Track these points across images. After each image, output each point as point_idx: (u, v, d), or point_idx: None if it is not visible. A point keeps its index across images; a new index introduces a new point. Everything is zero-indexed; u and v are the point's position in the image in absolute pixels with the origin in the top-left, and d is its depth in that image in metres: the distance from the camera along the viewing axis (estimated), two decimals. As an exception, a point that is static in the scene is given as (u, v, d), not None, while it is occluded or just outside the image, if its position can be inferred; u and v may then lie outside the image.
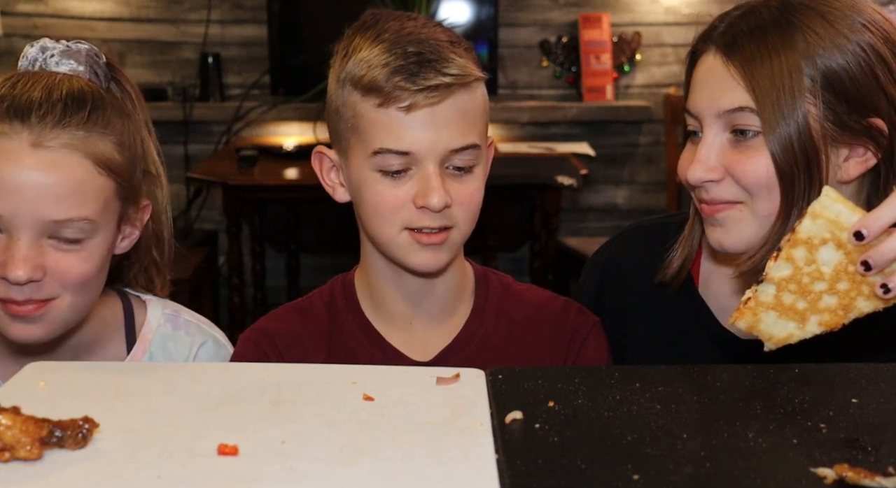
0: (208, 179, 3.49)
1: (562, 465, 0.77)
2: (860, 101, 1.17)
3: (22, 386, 0.96)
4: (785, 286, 0.97)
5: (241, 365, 1.21)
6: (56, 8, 4.24)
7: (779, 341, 1.00)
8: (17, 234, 1.13)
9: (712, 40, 1.23)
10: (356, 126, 1.19)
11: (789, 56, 1.16)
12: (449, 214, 1.19)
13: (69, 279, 1.16)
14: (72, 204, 1.14)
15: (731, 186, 1.19)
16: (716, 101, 1.20)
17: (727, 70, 1.19)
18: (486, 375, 0.98)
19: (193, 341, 1.36)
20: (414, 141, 1.16)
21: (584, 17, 4.32)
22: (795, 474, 0.76)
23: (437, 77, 1.14)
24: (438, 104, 1.15)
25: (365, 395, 0.93)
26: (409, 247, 1.20)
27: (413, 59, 1.15)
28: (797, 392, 0.93)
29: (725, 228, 1.21)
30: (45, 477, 0.76)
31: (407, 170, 1.18)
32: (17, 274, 1.12)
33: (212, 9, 4.25)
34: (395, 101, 1.15)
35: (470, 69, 1.18)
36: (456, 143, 1.17)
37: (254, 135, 4.28)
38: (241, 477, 0.76)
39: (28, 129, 1.14)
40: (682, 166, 1.26)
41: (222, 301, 3.94)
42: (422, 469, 0.78)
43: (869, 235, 0.93)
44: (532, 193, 3.48)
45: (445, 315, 1.30)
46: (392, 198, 1.18)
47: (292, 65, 4.23)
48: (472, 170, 1.21)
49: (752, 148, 1.18)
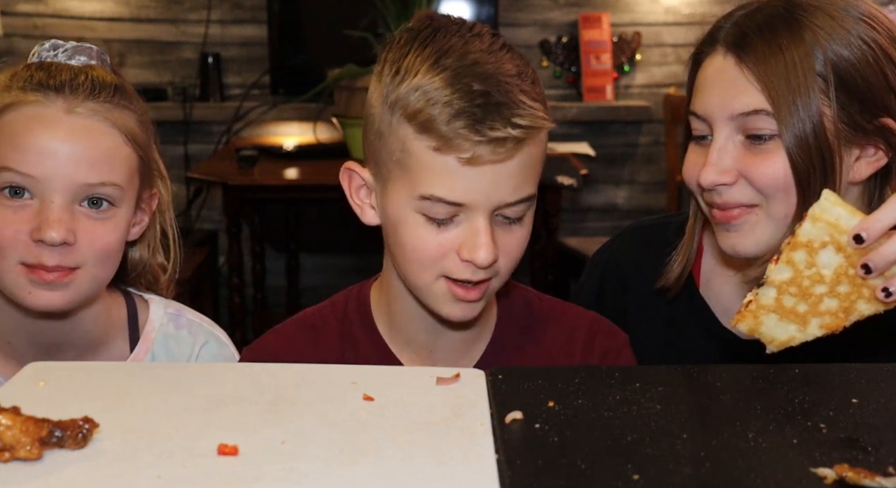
0: (208, 179, 3.48)
1: (562, 465, 0.77)
2: (871, 101, 1.17)
3: (22, 386, 0.96)
4: (785, 289, 0.97)
5: (241, 365, 1.21)
6: (56, 8, 4.24)
7: (781, 343, 1.00)
8: (51, 198, 1.17)
9: (719, 41, 1.22)
10: (404, 162, 1.07)
11: (801, 54, 1.16)
12: (494, 267, 1.09)
13: (96, 247, 1.20)
14: (103, 169, 1.19)
15: (745, 189, 1.19)
16: (728, 104, 1.18)
17: (740, 71, 1.18)
18: (486, 375, 0.98)
19: (196, 340, 1.36)
20: (468, 193, 1.05)
21: (584, 17, 4.32)
22: (795, 474, 0.76)
23: (505, 128, 1.02)
24: (503, 161, 1.04)
25: (365, 395, 0.93)
26: (445, 297, 1.11)
27: (479, 101, 1.02)
28: (797, 392, 0.93)
29: (741, 233, 1.20)
30: (45, 477, 0.76)
31: (454, 217, 1.07)
32: (52, 235, 1.15)
33: (212, 9, 4.25)
34: (454, 150, 1.03)
35: (540, 118, 1.06)
36: (512, 197, 1.07)
37: (254, 135, 4.28)
38: (241, 477, 0.76)
39: (62, 98, 1.19)
40: (689, 170, 1.24)
41: (222, 301, 3.94)
42: (422, 469, 0.78)
43: (868, 238, 0.93)
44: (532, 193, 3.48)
45: (469, 340, 1.22)
46: (435, 247, 1.07)
47: (292, 65, 4.22)
48: (522, 220, 1.11)
49: (767, 150, 1.17)
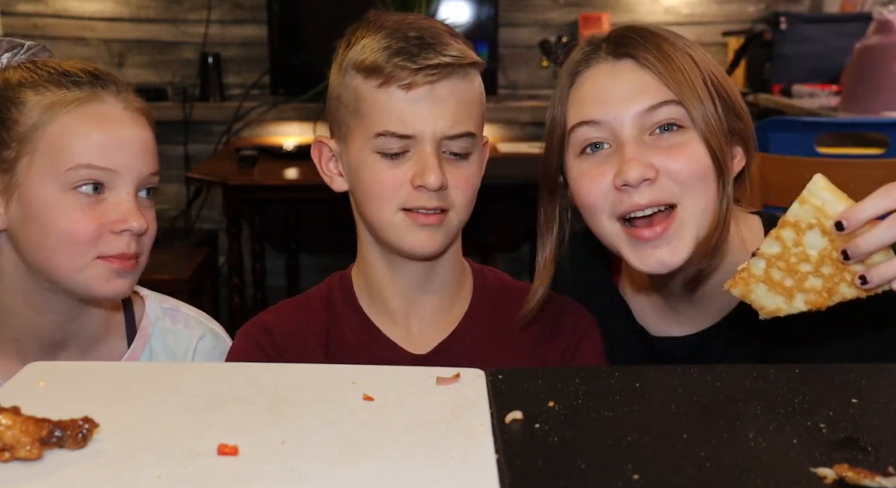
0: (208, 179, 3.49)
1: (562, 465, 0.77)
2: (733, 110, 1.22)
3: (22, 386, 0.96)
4: (774, 262, 1.01)
5: (241, 365, 1.21)
6: (56, 8, 4.24)
7: (769, 312, 1.04)
8: (125, 189, 1.22)
9: (602, 51, 1.23)
10: (358, 109, 1.21)
11: (686, 59, 1.20)
12: (446, 197, 1.20)
13: (149, 235, 1.25)
14: (154, 159, 1.26)
15: (666, 183, 1.17)
16: (634, 101, 1.18)
17: (636, 71, 1.20)
18: (486, 375, 0.98)
19: (192, 334, 1.38)
20: (414, 122, 1.18)
21: (584, 17, 4.32)
22: (795, 474, 0.76)
23: (436, 57, 1.18)
24: (437, 83, 1.18)
25: (365, 395, 0.93)
26: (406, 228, 1.21)
27: (414, 42, 1.19)
28: (797, 392, 0.93)
29: (670, 245, 1.17)
30: (45, 477, 0.76)
31: (405, 153, 1.20)
32: (140, 223, 1.21)
33: (212, 9, 4.26)
34: (395, 80, 1.18)
35: (468, 53, 1.22)
36: (453, 130, 1.20)
37: (254, 135, 4.28)
38: (241, 477, 0.76)
39: (113, 95, 1.24)
40: (593, 183, 1.19)
41: (222, 301, 3.94)
42: (422, 469, 0.78)
43: (849, 227, 0.95)
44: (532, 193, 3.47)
45: (442, 310, 1.30)
46: (390, 179, 1.20)
47: (292, 65, 4.23)
48: (469, 158, 1.23)
49: (680, 143, 1.17)
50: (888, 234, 0.95)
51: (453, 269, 1.30)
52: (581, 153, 1.22)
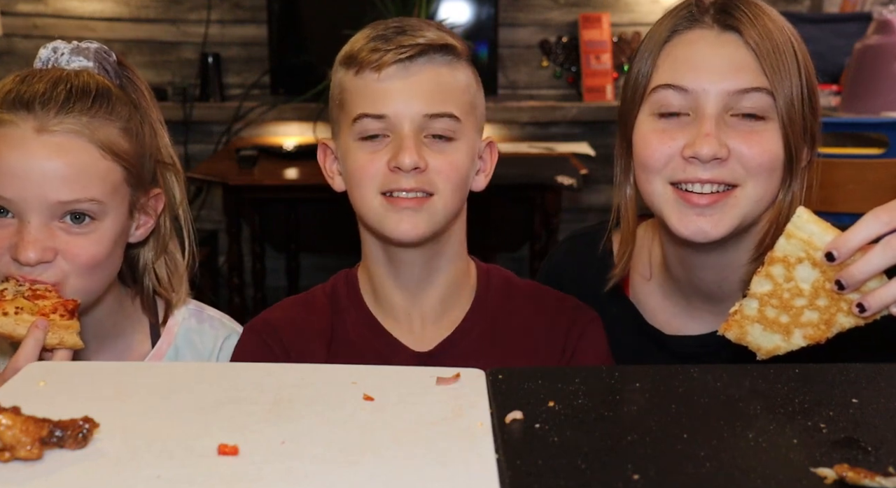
0: (208, 179, 3.49)
1: (562, 465, 0.77)
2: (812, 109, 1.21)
3: (22, 386, 0.96)
4: (767, 301, 1.00)
5: (241, 365, 1.21)
6: (56, 8, 4.24)
7: (767, 352, 1.03)
8: (28, 218, 1.17)
9: (708, 15, 1.21)
10: (342, 100, 1.23)
11: (784, 39, 1.19)
12: (427, 180, 1.19)
13: (79, 261, 1.20)
14: (77, 186, 1.18)
15: (734, 165, 1.17)
16: (727, 78, 1.17)
17: (738, 47, 1.18)
18: (487, 375, 0.98)
19: (218, 334, 1.42)
20: (385, 101, 1.19)
21: (584, 17, 4.32)
22: (795, 474, 0.76)
23: (409, 39, 1.19)
24: (410, 62, 1.18)
25: (365, 395, 0.93)
26: (385, 212, 1.20)
27: (392, 30, 1.21)
28: (797, 392, 0.93)
29: (714, 218, 1.18)
30: (45, 477, 0.76)
31: (385, 137, 1.20)
32: (27, 255, 1.16)
33: (212, 9, 4.26)
34: (368, 64, 1.19)
35: (447, 38, 1.21)
36: (431, 109, 1.19)
37: (254, 135, 4.28)
38: (241, 477, 0.76)
39: (33, 117, 1.18)
40: (661, 147, 1.19)
41: (222, 301, 3.94)
42: (422, 469, 0.78)
43: (839, 257, 0.94)
44: (532, 193, 3.48)
45: (445, 308, 1.30)
46: (368, 163, 1.20)
47: (292, 65, 4.23)
48: (453, 142, 1.21)
49: (761, 130, 1.17)
50: (881, 260, 0.94)
51: (455, 266, 1.30)
52: (656, 114, 1.21)
